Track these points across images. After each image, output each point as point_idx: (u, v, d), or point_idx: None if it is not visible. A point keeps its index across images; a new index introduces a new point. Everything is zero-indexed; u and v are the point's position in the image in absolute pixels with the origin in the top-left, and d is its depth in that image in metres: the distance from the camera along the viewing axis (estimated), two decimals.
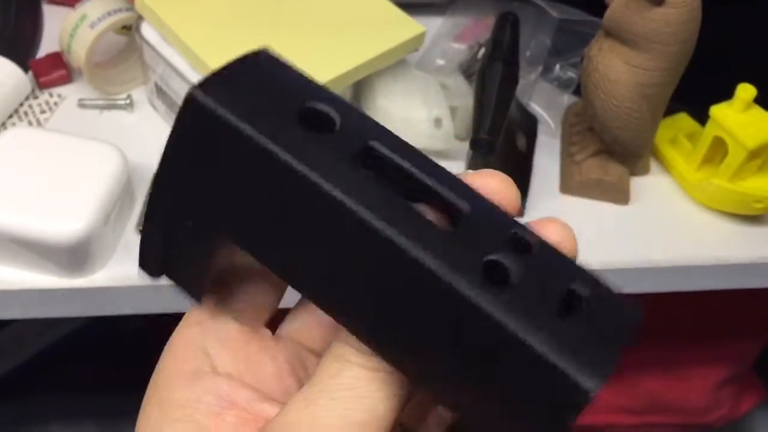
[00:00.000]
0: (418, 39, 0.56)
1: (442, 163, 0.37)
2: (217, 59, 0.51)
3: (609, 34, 0.51)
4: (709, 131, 0.56)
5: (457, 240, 0.20)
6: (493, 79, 0.51)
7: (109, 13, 0.55)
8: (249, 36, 0.53)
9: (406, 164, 0.21)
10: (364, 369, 0.21)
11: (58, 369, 0.84)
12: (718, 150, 0.57)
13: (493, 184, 0.23)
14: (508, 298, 0.19)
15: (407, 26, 0.56)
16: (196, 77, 0.52)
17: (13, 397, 0.82)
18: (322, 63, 0.53)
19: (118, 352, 0.88)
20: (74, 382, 0.83)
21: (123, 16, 0.55)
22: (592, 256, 0.55)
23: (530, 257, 0.20)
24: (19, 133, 0.50)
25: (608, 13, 0.50)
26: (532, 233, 0.21)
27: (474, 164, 0.53)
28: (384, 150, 0.21)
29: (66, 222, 0.46)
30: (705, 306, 0.83)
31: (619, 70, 0.50)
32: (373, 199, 0.19)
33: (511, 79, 0.52)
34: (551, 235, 0.23)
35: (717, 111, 0.55)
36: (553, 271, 0.20)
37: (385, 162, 0.21)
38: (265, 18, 0.55)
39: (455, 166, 0.59)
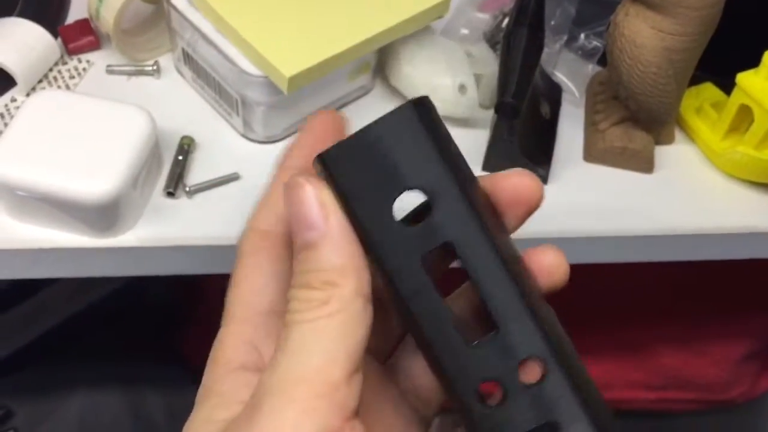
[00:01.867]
0: (444, 5, 0.56)
1: (466, 131, 0.42)
2: (244, 24, 0.52)
3: None
4: (735, 99, 0.56)
5: (474, 353, 0.26)
6: (519, 43, 0.51)
7: None
8: (276, 0, 0.54)
9: (471, 268, 0.26)
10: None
11: (84, 337, 0.85)
12: (744, 119, 0.57)
13: (524, 182, 0.28)
14: (485, 414, 0.25)
15: None
16: (223, 42, 0.53)
17: (39, 364, 0.84)
18: (346, 28, 0.53)
19: (143, 321, 0.89)
20: (100, 350, 0.84)
21: None
22: (614, 225, 0.55)
23: (537, 385, 0.25)
24: (49, 96, 0.51)
25: None
26: (553, 354, 0.26)
27: (499, 129, 0.53)
28: (459, 250, 0.25)
29: (96, 182, 0.47)
30: (726, 279, 0.83)
31: (646, 35, 0.50)
32: (425, 302, 0.26)
33: (536, 44, 0.52)
34: (545, 259, 0.28)
35: (743, 78, 0.55)
36: (548, 403, 0.25)
37: (456, 257, 0.26)
38: None
39: (479, 135, 0.60)
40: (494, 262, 0.25)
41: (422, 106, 0.25)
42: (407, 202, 0.27)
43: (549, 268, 0.28)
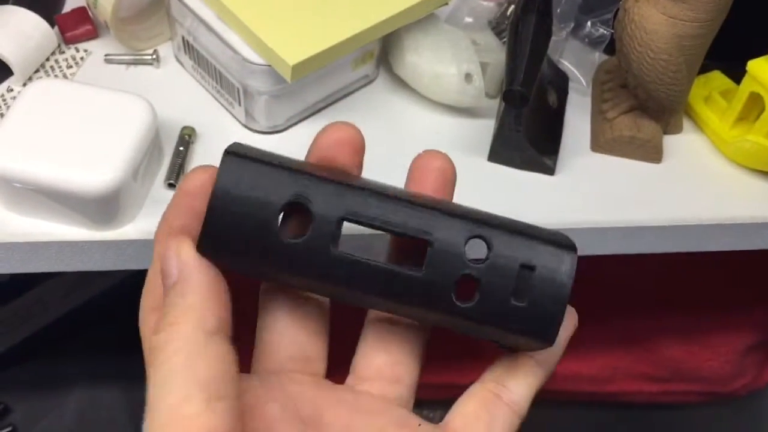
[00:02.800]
0: None
1: (472, 121, 0.52)
2: (246, 11, 0.51)
3: None
4: (746, 87, 0.55)
5: (429, 277, 0.27)
6: (527, 30, 0.50)
7: None
8: None
9: (375, 219, 0.28)
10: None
11: (83, 332, 0.84)
12: (754, 107, 0.56)
13: (339, 127, 0.30)
14: (476, 306, 0.27)
15: None
16: (224, 30, 0.52)
17: (37, 360, 0.83)
18: (350, 15, 0.52)
19: None
20: (98, 345, 0.83)
21: None
22: (623, 214, 0.54)
23: (489, 254, 0.28)
24: (47, 85, 0.50)
25: None
26: (487, 226, 0.28)
27: (505, 118, 0.52)
28: (355, 216, 0.27)
29: (96, 173, 0.46)
30: (730, 269, 0.82)
31: (656, 21, 0.49)
32: (364, 272, 0.27)
33: (544, 31, 0.51)
34: (435, 164, 0.31)
35: (754, 65, 0.54)
36: (507, 259, 0.28)
37: (361, 221, 0.28)
38: None
39: (484, 124, 0.59)
40: (387, 202, 0.28)
41: (238, 146, 0.28)
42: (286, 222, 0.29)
43: (441, 168, 0.31)
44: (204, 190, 0.28)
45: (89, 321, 0.85)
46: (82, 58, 0.58)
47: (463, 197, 0.32)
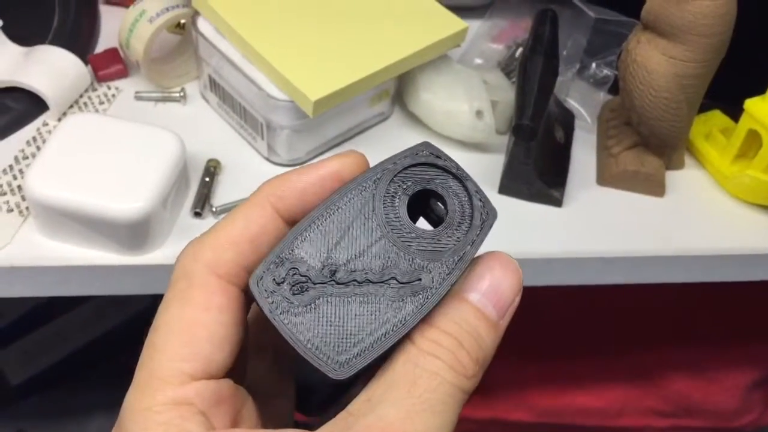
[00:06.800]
0: (461, 34, 0.59)
1: (482, 156, 0.55)
2: (271, 50, 0.54)
3: (647, 26, 0.53)
4: (744, 124, 0.58)
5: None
6: (535, 69, 0.53)
7: (167, 9, 0.57)
8: (299, 28, 0.56)
9: None
10: (459, 390, 0.24)
11: (103, 362, 0.86)
12: (752, 144, 0.58)
13: (349, 156, 0.27)
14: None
15: (450, 22, 0.58)
16: (250, 68, 0.55)
17: (57, 389, 0.84)
18: (368, 55, 0.55)
19: None
20: (118, 375, 0.85)
21: (180, 12, 0.58)
22: (627, 246, 0.57)
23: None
24: (83, 119, 0.53)
25: (647, 5, 0.52)
26: None
27: (515, 152, 0.55)
28: None
29: (127, 201, 0.49)
30: (736, 305, 0.84)
31: (657, 61, 0.52)
32: None
33: (551, 70, 0.54)
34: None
35: (751, 104, 0.57)
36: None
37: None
38: (315, 11, 0.57)
39: (494, 159, 0.61)
40: None
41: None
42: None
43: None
44: (336, 180, 0.26)
45: (109, 351, 0.87)
46: (113, 95, 0.61)
47: None
